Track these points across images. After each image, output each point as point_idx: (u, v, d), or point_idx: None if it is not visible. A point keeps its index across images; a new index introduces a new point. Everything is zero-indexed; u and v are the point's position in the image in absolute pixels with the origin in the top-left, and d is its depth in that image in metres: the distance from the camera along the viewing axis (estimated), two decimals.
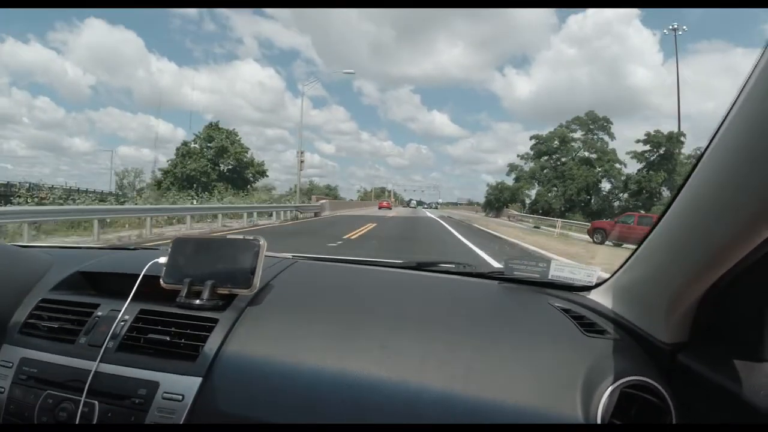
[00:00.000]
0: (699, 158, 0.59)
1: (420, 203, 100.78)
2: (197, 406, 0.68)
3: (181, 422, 0.66)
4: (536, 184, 38.47)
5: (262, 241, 0.83)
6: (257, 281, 0.80)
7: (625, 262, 0.87)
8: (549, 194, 35.81)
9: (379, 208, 46.56)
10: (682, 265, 0.67)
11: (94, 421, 0.68)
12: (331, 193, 60.47)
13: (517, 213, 34.46)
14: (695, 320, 0.71)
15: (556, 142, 37.79)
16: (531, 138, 39.30)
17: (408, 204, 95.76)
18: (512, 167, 40.57)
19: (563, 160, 37.21)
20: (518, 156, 39.92)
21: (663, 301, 0.73)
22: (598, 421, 0.66)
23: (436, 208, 73.75)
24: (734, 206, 0.53)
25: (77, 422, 0.68)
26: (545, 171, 37.80)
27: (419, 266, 1.23)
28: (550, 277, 1.05)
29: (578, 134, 37.33)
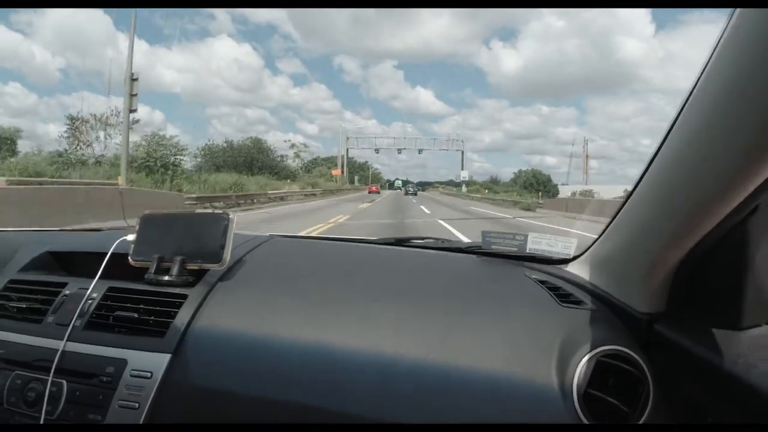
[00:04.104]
0: (669, 129, 0.59)
1: (407, 184, 70.85)
2: (166, 383, 0.66)
3: (150, 399, 0.65)
4: None
5: (232, 215, 0.82)
6: (227, 255, 0.78)
7: (602, 234, 0.87)
8: None
9: (369, 192, 48.11)
10: (655, 234, 0.68)
11: (62, 401, 0.67)
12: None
13: None
14: (672, 290, 0.71)
15: None
16: None
17: (393, 186, 76.04)
18: None
19: None
20: None
21: (638, 271, 0.74)
22: (574, 390, 0.66)
23: (415, 194, 51.75)
24: (702, 175, 0.54)
25: (45, 402, 0.66)
26: None
27: (397, 242, 1.22)
28: (528, 251, 1.06)
29: None
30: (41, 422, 0.65)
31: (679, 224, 0.63)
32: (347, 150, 65.12)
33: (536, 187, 57.46)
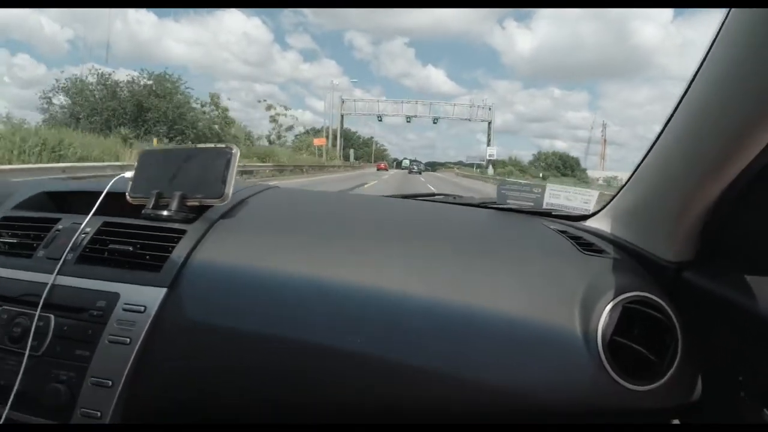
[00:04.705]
0: (695, 72, 0.59)
1: (413, 163, 62.14)
2: (161, 318, 0.63)
3: (142, 335, 0.61)
4: None
5: (235, 149, 0.76)
6: (229, 191, 0.74)
7: (623, 186, 0.84)
8: None
9: (378, 169, 47.62)
10: (682, 180, 0.65)
11: (49, 336, 0.63)
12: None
13: None
14: (702, 237, 0.67)
15: None
16: None
17: (401, 166, 65.79)
18: None
19: None
20: None
21: (666, 219, 0.70)
22: (599, 337, 0.62)
23: (419, 172, 48.01)
24: (729, 115, 0.53)
25: (30, 337, 0.63)
26: None
27: (408, 197, 1.18)
28: (545, 205, 1.01)
29: None
30: (25, 357, 0.62)
31: (707, 168, 0.60)
32: (342, 117, 52.05)
33: (562, 171, 54.85)
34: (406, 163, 69.39)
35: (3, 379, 0.62)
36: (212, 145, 0.78)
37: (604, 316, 0.64)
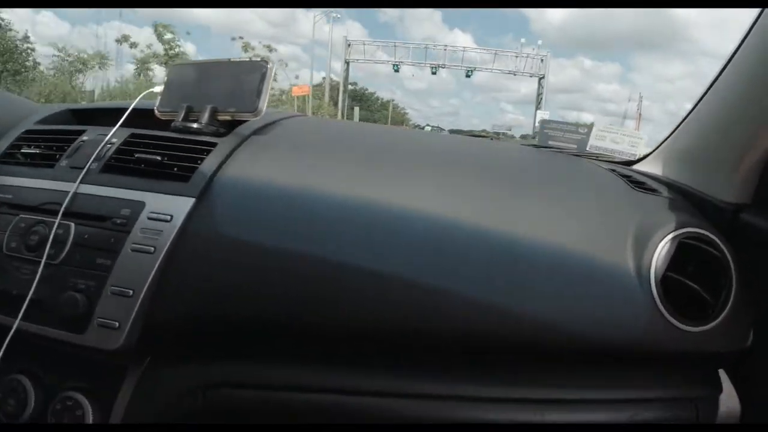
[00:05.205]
0: (758, 15, 0.59)
1: (435, 129, 54.13)
2: (188, 229, 0.60)
3: (168, 244, 0.58)
4: None
5: (271, 64, 0.72)
6: (263, 105, 0.70)
7: (674, 131, 0.81)
8: None
9: None
10: (743, 120, 0.63)
11: (69, 244, 0.61)
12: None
13: None
14: (761, 180, 0.65)
15: None
16: None
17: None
18: None
19: None
20: None
21: (724, 160, 0.68)
22: (652, 272, 0.59)
23: None
24: None
25: (48, 245, 0.60)
26: None
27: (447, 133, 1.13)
28: (589, 148, 0.96)
29: None
30: (41, 266, 0.59)
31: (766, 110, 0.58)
32: (348, 66, 39.26)
33: None
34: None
35: (17, 288, 0.60)
36: (247, 59, 0.75)
37: (658, 251, 0.60)
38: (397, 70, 39.86)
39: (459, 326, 0.58)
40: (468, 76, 39.94)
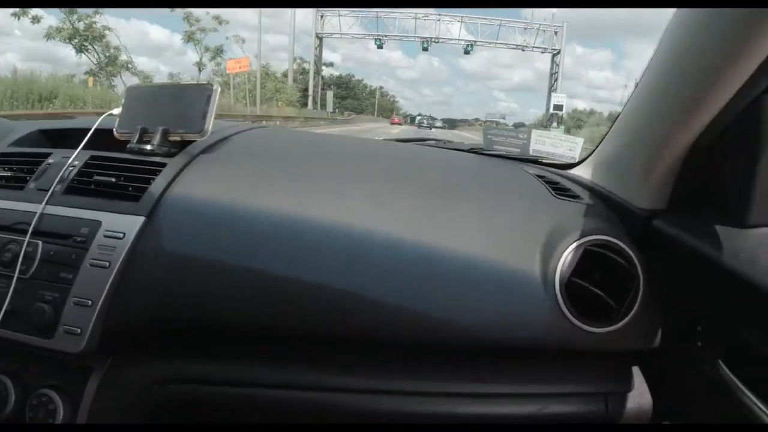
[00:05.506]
0: (669, 25, 0.62)
1: (425, 118, 53.68)
2: (139, 244, 0.67)
3: (120, 259, 0.65)
4: None
5: (216, 86, 0.78)
6: (209, 126, 0.76)
7: (605, 136, 0.84)
8: None
9: (392, 123, 45.18)
10: (656, 129, 0.66)
11: (37, 260, 0.68)
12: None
13: None
14: (675, 187, 0.68)
15: None
16: None
17: (415, 122, 54.03)
18: None
19: None
20: None
21: (640, 167, 0.71)
22: (557, 278, 0.64)
23: (430, 128, 40.81)
24: (697, 67, 0.57)
25: (20, 261, 0.67)
26: None
27: (396, 141, 1.19)
28: (531, 152, 1.01)
29: None
30: (14, 280, 0.66)
31: (679, 114, 0.60)
32: (320, 41, 33.33)
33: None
34: (419, 119, 56.95)
35: None
36: (195, 83, 0.80)
37: (563, 258, 0.65)
38: (380, 46, 34.56)
39: (376, 329, 0.65)
40: (467, 52, 34.91)
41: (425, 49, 32.66)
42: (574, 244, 0.66)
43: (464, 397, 0.69)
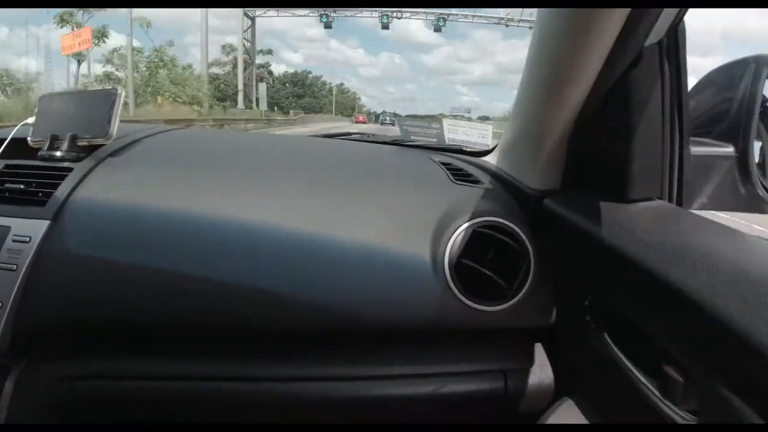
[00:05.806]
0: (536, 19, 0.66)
1: (387, 115, 48.03)
2: (44, 248, 0.68)
3: (27, 262, 0.66)
4: None
5: (120, 90, 0.80)
6: (113, 130, 0.77)
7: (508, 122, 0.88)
8: None
9: (356, 122, 43.58)
10: (539, 112, 0.69)
11: None
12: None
13: None
14: (567, 168, 0.72)
15: None
16: None
17: (379, 120, 49.81)
18: None
19: None
20: None
21: (529, 149, 0.75)
22: (446, 259, 0.68)
23: (392, 123, 27.78)
24: (562, 52, 0.61)
25: None
26: None
27: (321, 137, 1.21)
28: (447, 141, 1.06)
29: None
30: None
31: (554, 96, 0.64)
32: (253, 21, 28.02)
33: None
34: (383, 117, 51.12)
35: None
36: (101, 88, 0.81)
37: (452, 240, 0.69)
38: (328, 25, 29.48)
39: (278, 319, 0.68)
40: (438, 30, 30.61)
41: (385, 27, 26.80)
42: (464, 226, 0.70)
43: (362, 380, 0.73)
